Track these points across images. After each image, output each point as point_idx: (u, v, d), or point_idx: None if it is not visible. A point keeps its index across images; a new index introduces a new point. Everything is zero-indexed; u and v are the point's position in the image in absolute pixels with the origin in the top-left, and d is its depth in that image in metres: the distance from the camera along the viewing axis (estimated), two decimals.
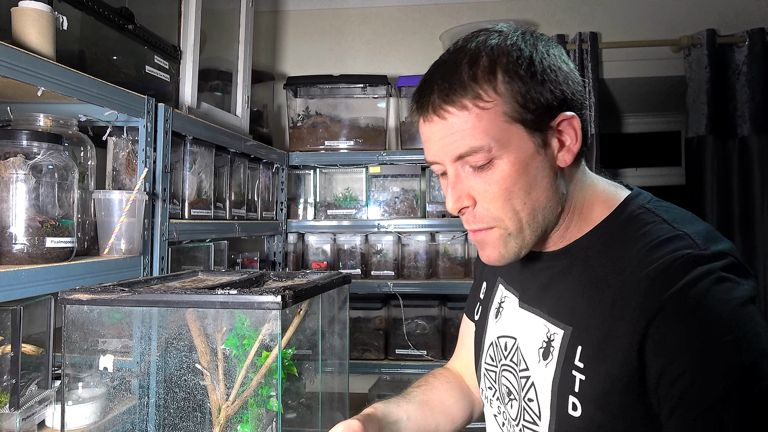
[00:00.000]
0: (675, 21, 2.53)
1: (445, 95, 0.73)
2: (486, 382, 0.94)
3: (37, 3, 1.06)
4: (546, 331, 0.79)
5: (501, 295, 0.94)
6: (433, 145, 0.77)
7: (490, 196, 0.74)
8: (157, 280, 1.06)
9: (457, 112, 0.72)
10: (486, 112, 0.71)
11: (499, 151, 0.72)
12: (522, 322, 0.85)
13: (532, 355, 0.81)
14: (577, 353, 0.73)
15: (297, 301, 0.86)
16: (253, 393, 0.91)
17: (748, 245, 2.43)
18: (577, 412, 0.72)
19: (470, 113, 0.72)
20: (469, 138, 0.72)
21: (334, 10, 2.69)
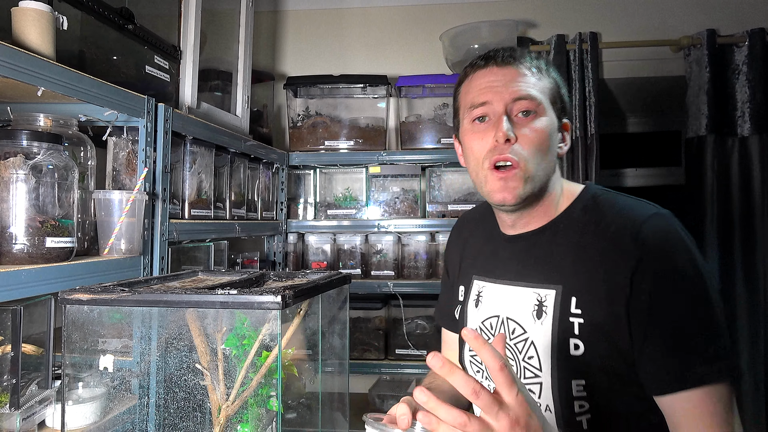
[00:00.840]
0: (675, 21, 2.53)
1: (525, 57, 0.96)
2: (472, 369, 1.05)
3: (37, 3, 1.06)
4: (536, 296, 0.94)
5: (478, 288, 1.08)
6: (498, 87, 0.94)
7: (528, 140, 0.92)
8: (157, 280, 1.06)
9: (530, 69, 0.95)
10: (542, 83, 0.96)
11: (543, 110, 0.94)
12: (506, 298, 1.00)
13: (525, 319, 0.95)
14: (571, 303, 0.89)
15: (297, 301, 0.86)
16: (253, 393, 0.91)
17: (748, 245, 2.43)
18: (579, 350, 0.87)
19: (537, 76, 0.96)
20: (533, 88, 0.94)
21: (334, 10, 2.69)
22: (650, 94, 2.82)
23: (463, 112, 1.00)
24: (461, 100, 1.01)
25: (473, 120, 0.97)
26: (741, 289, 2.44)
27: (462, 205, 2.29)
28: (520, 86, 0.93)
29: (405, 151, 2.33)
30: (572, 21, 2.56)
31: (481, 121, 0.96)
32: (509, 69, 0.95)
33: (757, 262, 2.42)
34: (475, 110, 0.96)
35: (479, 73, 0.97)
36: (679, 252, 0.86)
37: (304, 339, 1.17)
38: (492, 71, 0.95)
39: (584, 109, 2.49)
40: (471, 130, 0.97)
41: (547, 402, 0.92)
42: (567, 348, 0.88)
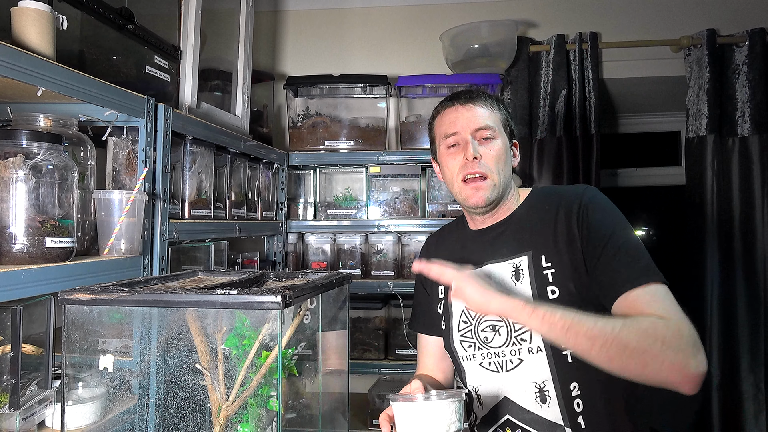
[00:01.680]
0: (675, 21, 2.53)
1: (479, 97, 1.28)
2: (462, 346, 1.25)
3: (37, 3, 1.06)
4: (511, 265, 1.21)
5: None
6: (463, 121, 1.24)
7: (490, 156, 1.23)
8: (157, 280, 1.06)
9: (485, 106, 1.26)
10: (495, 115, 1.27)
11: (497, 135, 1.25)
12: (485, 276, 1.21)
13: (507, 284, 1.20)
14: (542, 260, 1.17)
15: (297, 301, 0.86)
16: (253, 393, 0.91)
17: (748, 245, 2.43)
18: (555, 294, 1.14)
19: (491, 109, 1.27)
20: (488, 119, 1.25)
21: (335, 10, 2.69)
22: (650, 94, 2.82)
23: (439, 140, 1.30)
24: (436, 131, 1.32)
25: (448, 147, 1.27)
26: (741, 289, 2.44)
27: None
28: (479, 119, 1.24)
29: (405, 151, 2.33)
30: (572, 21, 2.56)
31: (454, 147, 1.26)
32: (469, 106, 1.25)
33: (757, 261, 2.42)
34: (448, 138, 1.26)
35: (447, 110, 1.28)
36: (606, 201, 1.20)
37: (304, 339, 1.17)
38: (457, 109, 1.26)
39: (584, 109, 2.49)
40: (446, 153, 1.27)
41: (537, 343, 1.15)
42: (546, 295, 1.14)
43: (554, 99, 2.50)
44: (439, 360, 1.36)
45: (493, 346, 1.20)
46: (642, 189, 3.20)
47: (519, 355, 1.16)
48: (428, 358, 1.38)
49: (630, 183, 3.16)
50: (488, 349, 1.20)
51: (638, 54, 2.55)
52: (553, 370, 1.14)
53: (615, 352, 0.96)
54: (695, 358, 0.96)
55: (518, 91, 2.52)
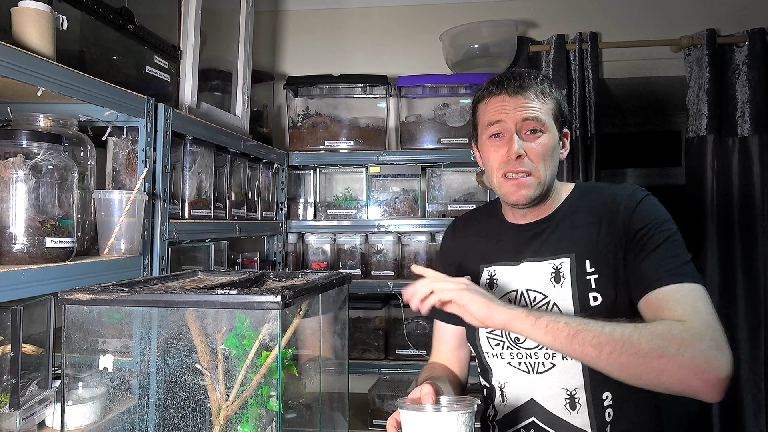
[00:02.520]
0: (675, 21, 2.53)
1: (530, 86, 1.16)
2: (490, 344, 1.20)
3: (37, 3, 1.06)
4: (551, 266, 1.15)
5: (488, 273, 1.24)
6: (510, 110, 1.15)
7: (535, 153, 1.14)
8: (157, 280, 1.06)
9: (535, 94, 1.16)
10: (546, 105, 1.16)
11: (546, 129, 1.15)
12: (521, 275, 1.19)
13: (545, 286, 1.15)
14: (586, 265, 1.12)
15: (297, 301, 0.86)
16: (253, 393, 0.91)
17: (748, 245, 2.43)
18: (597, 301, 1.10)
19: (541, 99, 1.16)
20: (537, 111, 1.14)
21: (334, 10, 2.69)
22: (650, 94, 2.82)
23: (482, 128, 1.21)
24: (480, 117, 1.22)
25: (490, 135, 1.18)
26: (741, 289, 2.44)
27: (462, 205, 2.29)
28: (529, 110, 1.14)
29: (405, 151, 2.33)
30: (572, 21, 2.56)
31: (497, 137, 1.17)
32: (518, 97, 1.15)
33: (757, 261, 2.42)
34: (491, 127, 1.17)
35: (494, 98, 1.18)
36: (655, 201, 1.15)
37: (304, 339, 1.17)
38: (504, 98, 1.16)
39: (584, 109, 2.49)
40: (488, 144, 1.19)
41: None
42: (587, 301, 1.10)
43: None
44: (455, 349, 1.32)
45: (525, 347, 1.15)
46: None
47: (552, 359, 1.13)
48: (444, 346, 1.34)
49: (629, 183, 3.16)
50: (519, 349, 1.16)
51: (638, 54, 2.55)
52: (586, 378, 1.10)
53: (626, 358, 0.90)
54: (718, 361, 0.89)
55: None
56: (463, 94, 2.33)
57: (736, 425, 2.44)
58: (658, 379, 0.91)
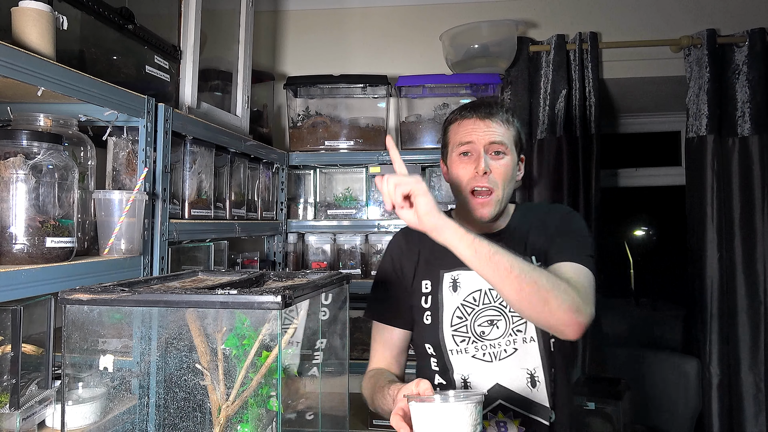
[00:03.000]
0: (675, 21, 2.53)
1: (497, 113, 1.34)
2: (455, 341, 1.33)
3: (37, 3, 1.06)
4: None
5: (450, 277, 1.36)
6: (480, 134, 1.31)
7: (498, 172, 1.31)
8: (157, 280, 1.06)
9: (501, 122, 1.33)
10: (509, 132, 1.34)
11: (508, 152, 1.33)
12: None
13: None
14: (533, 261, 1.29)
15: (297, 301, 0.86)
16: (253, 393, 0.91)
17: (748, 245, 2.43)
18: None
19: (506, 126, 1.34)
20: (502, 136, 1.32)
21: (335, 10, 2.69)
22: (650, 94, 2.82)
23: (453, 146, 1.36)
24: (451, 137, 1.38)
25: (460, 153, 1.33)
26: (741, 289, 2.44)
27: None
28: (494, 135, 1.31)
29: (405, 151, 2.33)
30: (572, 21, 2.56)
31: (466, 155, 1.33)
32: (488, 122, 1.32)
33: (757, 262, 2.42)
34: (462, 146, 1.33)
35: (466, 121, 1.34)
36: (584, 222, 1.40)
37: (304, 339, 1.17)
38: (475, 122, 1.33)
39: (584, 109, 2.49)
40: (458, 161, 1.34)
41: (531, 334, 1.30)
42: None
43: (554, 99, 2.50)
44: (399, 354, 1.41)
45: (489, 338, 1.31)
46: (642, 189, 3.20)
47: (514, 345, 1.30)
48: (388, 351, 1.41)
49: (630, 183, 3.16)
50: (483, 341, 1.31)
51: (638, 54, 2.55)
52: (543, 358, 1.30)
53: (526, 285, 1.08)
54: (584, 309, 1.12)
55: (518, 91, 2.52)
56: (463, 94, 2.33)
57: (736, 425, 2.44)
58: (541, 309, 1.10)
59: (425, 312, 1.37)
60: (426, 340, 1.37)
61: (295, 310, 1.02)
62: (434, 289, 1.37)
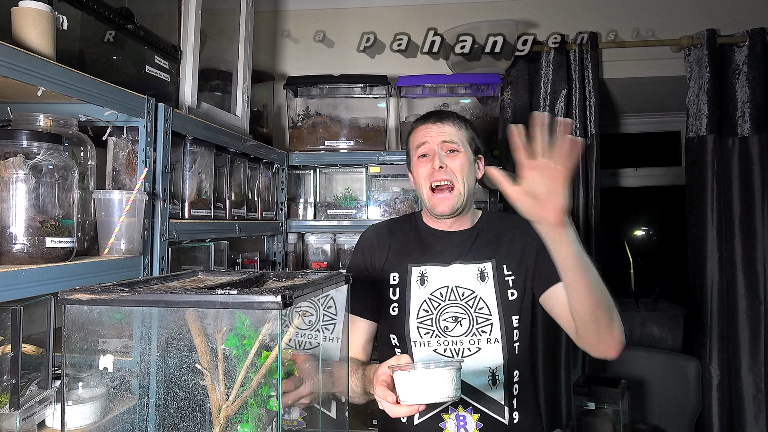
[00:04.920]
0: (675, 21, 2.53)
1: (448, 117, 1.47)
2: (419, 333, 1.40)
3: (37, 3, 1.06)
4: (477, 268, 1.43)
5: (419, 271, 1.45)
6: (433, 135, 1.44)
7: (454, 166, 1.41)
8: (157, 280, 1.06)
9: (452, 124, 1.46)
10: (461, 132, 1.46)
11: (461, 149, 1.44)
12: (451, 274, 1.43)
13: (472, 284, 1.42)
14: (504, 269, 1.43)
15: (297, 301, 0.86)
16: (253, 393, 0.91)
17: (748, 245, 2.43)
18: (514, 296, 1.41)
19: (457, 127, 1.46)
20: (454, 135, 1.45)
21: (334, 10, 2.69)
22: (650, 94, 2.82)
23: (412, 151, 1.49)
24: (410, 144, 1.50)
25: (419, 156, 1.46)
26: (741, 289, 2.44)
27: None
28: (446, 134, 1.44)
29: (405, 151, 2.32)
30: (572, 21, 2.56)
31: (424, 156, 1.45)
32: (439, 124, 1.45)
33: (757, 261, 2.42)
34: (419, 149, 1.46)
35: (420, 127, 1.48)
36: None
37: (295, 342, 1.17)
38: (428, 126, 1.46)
39: (584, 109, 2.49)
40: (418, 163, 1.46)
41: (496, 335, 1.38)
42: (506, 296, 1.41)
43: (554, 99, 2.50)
44: (366, 342, 1.48)
45: (452, 335, 1.39)
46: (642, 189, 3.20)
47: (478, 344, 1.38)
48: (356, 339, 1.47)
49: (630, 183, 3.16)
50: (447, 337, 1.39)
51: (638, 54, 2.55)
52: (505, 359, 1.38)
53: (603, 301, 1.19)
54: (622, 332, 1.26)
55: (518, 91, 2.52)
56: (463, 94, 2.33)
57: (736, 425, 2.44)
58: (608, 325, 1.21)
59: (392, 303, 1.44)
60: (392, 331, 1.44)
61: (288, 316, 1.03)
62: (402, 281, 1.46)
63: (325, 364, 1.29)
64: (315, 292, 0.97)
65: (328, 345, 1.42)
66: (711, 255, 2.46)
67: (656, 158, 3.22)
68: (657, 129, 3.18)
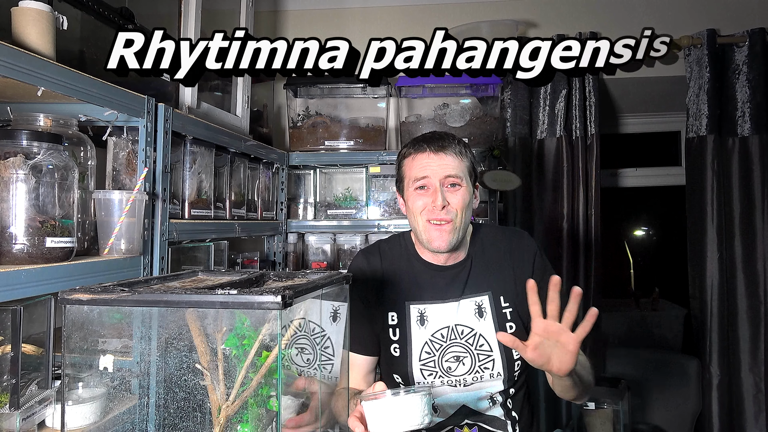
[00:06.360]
0: (675, 21, 2.53)
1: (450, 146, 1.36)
2: (422, 374, 1.38)
3: (37, 3, 1.06)
4: (474, 303, 1.39)
5: (418, 310, 1.40)
6: (434, 168, 1.34)
7: (456, 203, 1.34)
8: (157, 280, 1.06)
9: (454, 155, 1.36)
10: (463, 164, 1.37)
11: (463, 183, 1.36)
12: (451, 312, 1.39)
13: (471, 321, 1.39)
14: (501, 300, 1.39)
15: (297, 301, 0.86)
16: (253, 393, 0.91)
17: (748, 245, 2.43)
18: (512, 329, 1.38)
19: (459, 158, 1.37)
20: (457, 169, 1.36)
21: (334, 10, 2.69)
22: (650, 94, 2.82)
23: (408, 181, 1.39)
24: (406, 172, 1.40)
25: (416, 188, 1.36)
26: (741, 289, 2.44)
27: None
28: (448, 168, 1.34)
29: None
30: (572, 21, 2.56)
31: (422, 188, 1.36)
32: (441, 155, 1.35)
33: (757, 261, 2.42)
34: (418, 181, 1.36)
35: (420, 155, 1.37)
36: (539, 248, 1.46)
37: None
38: (429, 156, 1.35)
39: (584, 110, 2.49)
40: (415, 195, 1.37)
41: (498, 370, 1.37)
42: (505, 330, 1.37)
43: (554, 99, 2.50)
44: (366, 374, 1.45)
45: (455, 374, 1.37)
46: (642, 189, 3.20)
47: (481, 380, 1.38)
48: (356, 373, 1.44)
49: (630, 183, 3.16)
50: (450, 377, 1.38)
51: None
52: (506, 386, 1.39)
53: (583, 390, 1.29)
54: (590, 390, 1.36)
55: (518, 91, 2.52)
56: (463, 94, 2.33)
57: (737, 425, 2.44)
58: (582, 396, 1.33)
59: (393, 344, 1.40)
60: (394, 371, 1.41)
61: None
62: (401, 321, 1.41)
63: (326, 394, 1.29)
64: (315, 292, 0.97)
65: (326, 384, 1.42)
66: (711, 255, 2.46)
67: (656, 158, 3.22)
68: (657, 129, 3.18)
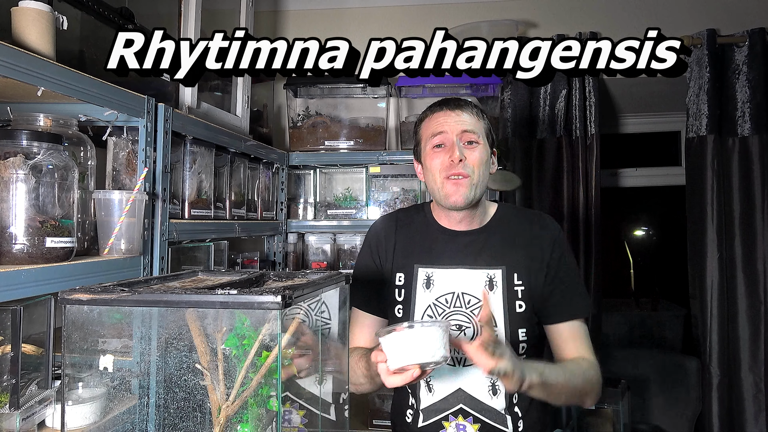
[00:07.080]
0: (675, 21, 2.53)
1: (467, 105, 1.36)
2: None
3: (37, 3, 1.06)
4: (486, 275, 1.35)
5: (425, 273, 1.39)
6: (452, 124, 1.32)
7: (473, 159, 1.32)
8: (157, 280, 1.06)
9: (471, 114, 1.35)
10: (480, 123, 1.36)
11: (480, 141, 1.34)
12: (459, 279, 1.36)
13: (479, 291, 1.33)
14: (514, 277, 1.34)
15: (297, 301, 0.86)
16: (253, 393, 0.91)
17: (748, 245, 2.43)
18: (522, 309, 1.34)
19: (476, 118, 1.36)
20: (474, 126, 1.34)
21: (335, 10, 2.69)
22: (650, 94, 2.82)
23: (425, 140, 1.36)
24: (423, 132, 1.38)
25: (433, 146, 1.34)
26: (741, 289, 2.44)
27: None
28: (466, 124, 1.33)
29: (405, 151, 2.33)
30: (572, 21, 2.56)
31: (439, 147, 1.33)
32: (458, 112, 1.33)
33: (757, 261, 2.42)
34: (435, 138, 1.33)
35: (436, 114, 1.35)
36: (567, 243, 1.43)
37: None
38: (446, 113, 1.34)
39: (584, 109, 2.49)
40: (432, 153, 1.34)
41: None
42: (514, 308, 1.34)
43: (554, 99, 2.50)
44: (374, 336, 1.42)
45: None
46: (642, 189, 3.20)
47: None
48: (366, 333, 1.44)
49: (630, 183, 3.16)
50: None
51: None
52: None
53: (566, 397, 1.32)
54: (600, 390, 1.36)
55: (518, 91, 2.52)
56: (464, 94, 2.33)
57: (737, 425, 2.44)
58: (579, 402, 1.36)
59: (397, 305, 1.40)
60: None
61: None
62: (408, 283, 1.40)
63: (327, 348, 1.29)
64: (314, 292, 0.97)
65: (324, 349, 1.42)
66: (711, 255, 2.46)
67: (656, 158, 3.22)
68: (657, 129, 3.18)
